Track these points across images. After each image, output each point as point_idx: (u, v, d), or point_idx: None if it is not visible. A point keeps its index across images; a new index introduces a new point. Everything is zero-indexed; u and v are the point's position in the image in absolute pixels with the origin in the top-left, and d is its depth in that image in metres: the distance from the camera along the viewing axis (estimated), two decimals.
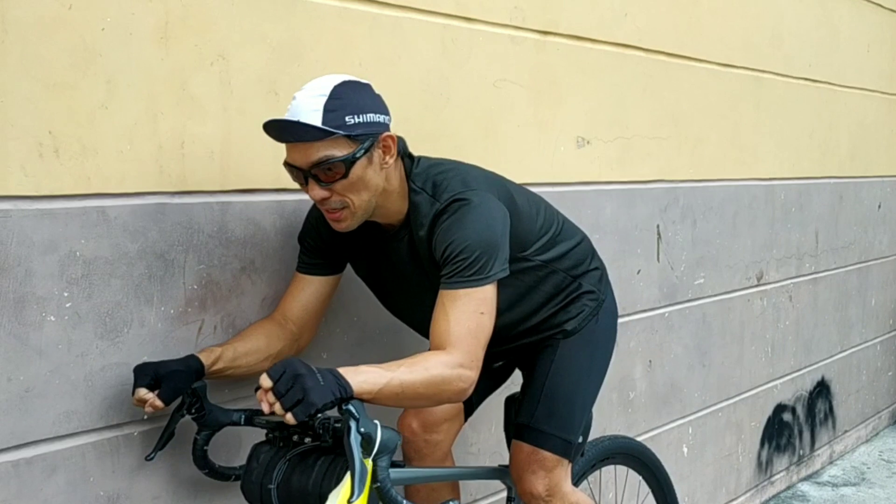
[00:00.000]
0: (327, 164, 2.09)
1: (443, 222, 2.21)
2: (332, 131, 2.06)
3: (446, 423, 2.63)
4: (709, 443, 4.41)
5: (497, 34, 3.13)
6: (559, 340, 2.56)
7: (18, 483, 2.04)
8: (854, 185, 5.55)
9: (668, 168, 3.98)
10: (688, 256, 4.13)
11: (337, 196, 2.15)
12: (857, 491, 5.10)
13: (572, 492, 2.58)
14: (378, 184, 2.20)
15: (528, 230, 2.43)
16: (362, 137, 2.12)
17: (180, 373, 2.15)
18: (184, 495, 2.35)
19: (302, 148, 2.10)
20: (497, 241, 2.21)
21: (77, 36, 2.07)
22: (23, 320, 2.02)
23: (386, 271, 2.42)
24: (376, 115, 2.16)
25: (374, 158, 2.16)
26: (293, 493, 2.04)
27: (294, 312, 2.42)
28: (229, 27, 2.35)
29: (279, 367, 1.86)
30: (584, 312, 2.58)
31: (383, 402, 2.01)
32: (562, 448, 2.52)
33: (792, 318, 5.02)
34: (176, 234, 2.28)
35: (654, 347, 3.98)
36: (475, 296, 2.17)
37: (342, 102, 2.10)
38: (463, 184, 2.26)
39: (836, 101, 5.25)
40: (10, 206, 1.99)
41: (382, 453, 1.91)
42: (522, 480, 2.53)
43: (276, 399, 1.83)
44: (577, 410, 2.56)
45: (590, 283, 2.61)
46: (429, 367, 2.06)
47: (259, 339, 2.35)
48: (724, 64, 4.25)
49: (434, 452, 2.61)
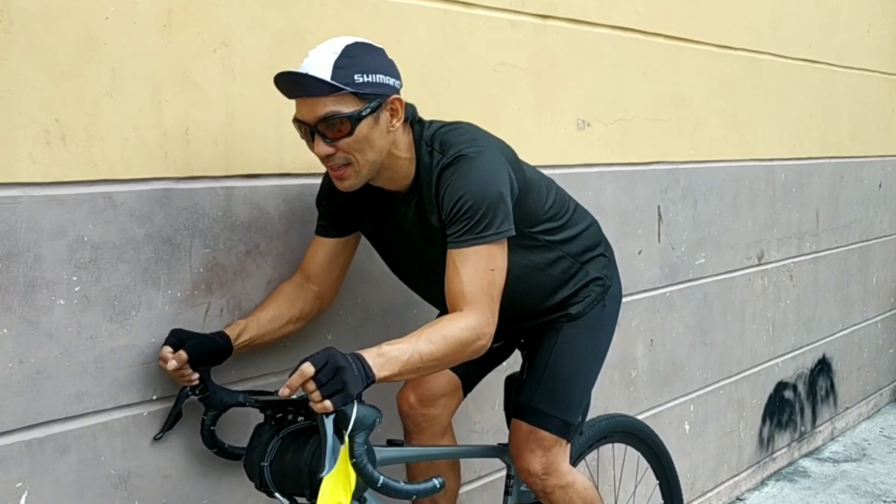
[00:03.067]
0: (333, 119, 2.12)
1: (448, 177, 2.24)
2: (339, 86, 2.09)
3: (444, 397, 2.67)
4: (710, 420, 4.45)
5: (497, 18, 3.16)
6: (563, 324, 2.59)
7: (31, 462, 2.09)
8: (855, 165, 5.58)
9: (669, 149, 4.01)
10: (689, 237, 4.16)
11: (341, 153, 2.17)
12: (858, 466, 5.15)
13: (569, 471, 2.62)
14: (383, 146, 2.22)
15: (536, 205, 2.45)
16: (370, 97, 2.15)
17: (202, 336, 2.26)
18: (193, 474, 2.40)
19: (309, 103, 2.13)
20: (502, 197, 2.23)
21: (81, 25, 2.11)
22: (33, 304, 2.07)
23: (395, 236, 2.45)
24: (386, 78, 2.19)
25: (380, 120, 2.19)
26: (286, 469, 2.10)
27: (314, 272, 2.49)
28: (231, 15, 2.39)
29: (322, 356, 1.92)
30: (590, 297, 2.61)
31: (407, 377, 2.11)
32: (561, 428, 2.56)
33: (793, 297, 5.06)
34: (182, 219, 2.32)
35: (655, 326, 4.02)
36: (484, 253, 2.20)
37: (353, 61, 2.13)
38: (471, 141, 2.29)
39: (836, 82, 5.27)
40: (19, 193, 2.03)
41: (358, 430, 1.95)
42: (521, 458, 2.57)
43: (317, 387, 1.89)
44: (578, 392, 2.60)
45: (596, 269, 2.63)
46: (446, 334, 2.11)
47: (280, 305, 2.43)
48: (723, 45, 4.27)
49: (432, 426, 2.65)
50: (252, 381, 2.50)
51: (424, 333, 2.10)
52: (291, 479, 2.09)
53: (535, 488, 2.60)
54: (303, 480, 2.07)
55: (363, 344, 2.74)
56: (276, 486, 2.12)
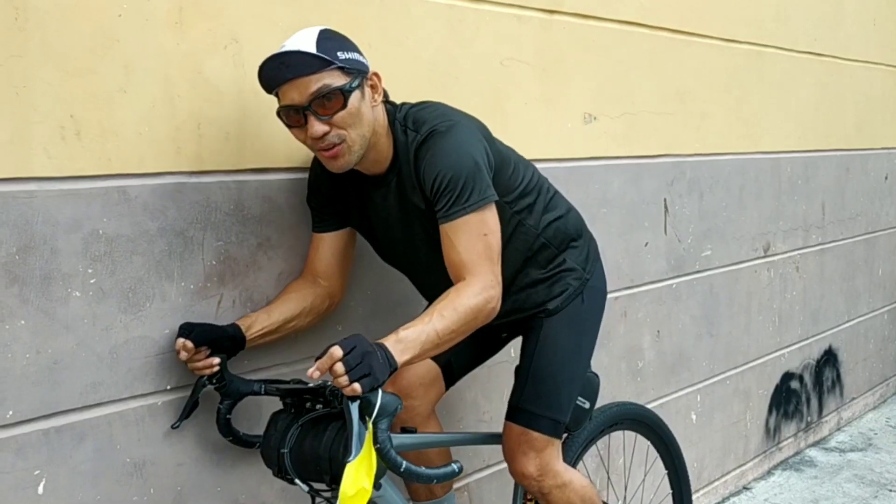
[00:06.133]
0: (326, 92, 2.17)
1: (424, 154, 2.29)
2: (328, 59, 2.16)
3: (421, 387, 2.68)
4: (717, 410, 4.48)
5: (503, 13, 3.19)
6: (542, 320, 2.60)
7: (48, 450, 2.14)
8: (860, 158, 5.59)
9: (675, 143, 4.04)
10: (695, 229, 4.19)
11: (336, 129, 2.22)
12: (864, 456, 5.17)
13: (564, 469, 2.62)
14: (371, 121, 2.28)
15: (512, 178, 2.49)
16: (354, 72, 2.22)
17: (210, 325, 2.31)
18: (207, 462, 2.45)
19: (298, 83, 2.17)
20: (479, 165, 2.28)
21: (95, 22, 2.15)
22: (49, 296, 2.11)
23: (377, 222, 2.49)
24: (360, 56, 2.28)
25: (365, 94, 2.27)
26: (305, 456, 2.13)
27: (320, 269, 2.53)
28: (241, 11, 2.43)
29: (351, 341, 1.97)
30: (567, 291, 2.61)
31: (429, 356, 2.19)
32: (551, 428, 2.56)
33: (799, 289, 5.08)
34: (194, 212, 2.36)
35: (661, 318, 4.05)
36: (473, 220, 2.26)
37: (330, 42, 2.21)
38: (442, 115, 2.35)
39: (841, 75, 5.29)
40: (36, 188, 2.08)
41: (382, 416, 1.99)
42: (514, 462, 2.58)
43: (345, 371, 1.94)
44: (565, 390, 2.60)
45: (574, 259, 2.63)
46: (457, 306, 2.17)
47: (291, 299, 2.48)
48: (729, 39, 4.30)
49: (413, 418, 2.66)
50: (265, 370, 2.54)
51: (436, 310, 2.16)
52: (311, 466, 2.13)
53: (532, 490, 2.61)
54: (322, 466, 2.11)
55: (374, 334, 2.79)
56: (296, 473, 2.16)
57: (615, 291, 3.74)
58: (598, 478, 3.64)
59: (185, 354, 2.24)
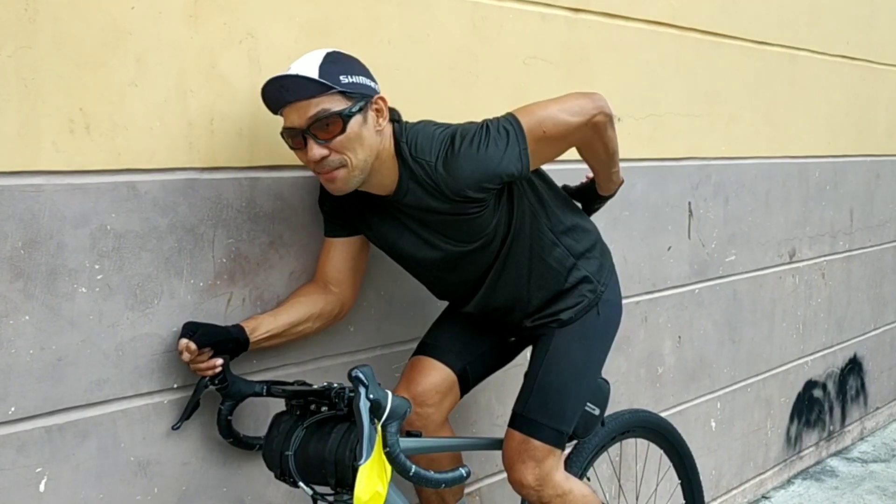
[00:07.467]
0: (324, 117, 2.16)
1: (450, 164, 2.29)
2: (327, 84, 2.15)
3: (437, 395, 2.63)
4: (737, 418, 4.43)
5: (527, 11, 3.14)
6: (554, 329, 2.57)
7: (51, 448, 2.11)
8: (891, 164, 5.50)
9: (701, 145, 3.98)
10: (719, 233, 4.13)
11: (335, 154, 2.21)
12: (887, 467, 5.09)
13: (565, 479, 2.58)
14: (374, 145, 2.26)
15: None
16: (356, 96, 2.20)
17: (214, 326, 2.28)
18: (213, 462, 2.42)
19: (298, 107, 2.17)
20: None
21: (107, 15, 2.12)
22: (55, 291, 2.08)
23: (391, 233, 2.47)
24: (367, 80, 2.25)
25: (368, 119, 2.24)
26: (310, 459, 2.10)
27: (330, 274, 2.50)
28: (258, 5, 2.39)
29: None
30: (581, 304, 2.58)
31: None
32: (553, 438, 2.52)
33: (824, 296, 5.01)
34: (205, 209, 2.33)
35: (683, 323, 4.00)
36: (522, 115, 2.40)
37: (335, 65, 2.19)
38: (443, 125, 2.36)
39: (874, 79, 5.20)
40: (43, 181, 2.05)
41: (392, 419, 1.97)
42: (513, 470, 2.54)
43: None
44: (570, 402, 2.56)
45: (588, 268, 2.60)
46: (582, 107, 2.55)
47: (300, 303, 2.45)
48: (760, 42, 4.23)
49: (427, 425, 2.62)
50: (273, 371, 2.51)
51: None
52: (315, 469, 2.10)
53: (531, 500, 2.56)
54: (327, 469, 2.08)
55: (386, 336, 2.76)
56: (299, 476, 2.13)
57: (636, 296, 3.69)
58: (611, 486, 3.60)
59: (187, 356, 2.21)
